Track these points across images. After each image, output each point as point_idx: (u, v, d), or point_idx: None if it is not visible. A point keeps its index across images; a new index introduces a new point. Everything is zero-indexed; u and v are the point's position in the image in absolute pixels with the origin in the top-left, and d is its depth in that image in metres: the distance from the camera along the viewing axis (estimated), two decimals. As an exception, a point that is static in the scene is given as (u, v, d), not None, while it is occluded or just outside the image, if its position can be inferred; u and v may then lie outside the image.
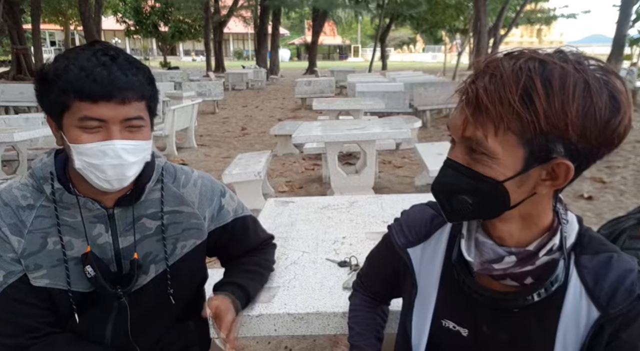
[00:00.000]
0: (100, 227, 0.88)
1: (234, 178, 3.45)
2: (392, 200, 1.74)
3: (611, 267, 0.63)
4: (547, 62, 0.55)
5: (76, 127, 0.77)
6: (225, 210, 1.03)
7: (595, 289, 0.62)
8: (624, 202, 3.69)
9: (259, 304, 1.04)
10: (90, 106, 0.76)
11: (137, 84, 0.79)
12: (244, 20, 27.97)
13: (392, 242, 0.81)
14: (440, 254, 0.75)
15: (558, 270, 0.62)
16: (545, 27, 33.06)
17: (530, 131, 0.55)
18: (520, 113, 0.54)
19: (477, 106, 0.57)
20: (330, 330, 1.02)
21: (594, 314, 0.62)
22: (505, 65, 0.56)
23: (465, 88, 0.59)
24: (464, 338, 0.72)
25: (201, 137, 6.91)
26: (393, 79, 10.35)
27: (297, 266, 1.22)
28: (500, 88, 0.55)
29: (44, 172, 0.85)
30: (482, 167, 0.59)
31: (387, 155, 5.35)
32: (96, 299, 0.89)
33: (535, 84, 0.54)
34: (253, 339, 1.96)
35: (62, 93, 0.76)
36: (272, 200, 1.78)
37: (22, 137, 3.85)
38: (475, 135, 0.58)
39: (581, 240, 0.66)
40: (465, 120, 0.58)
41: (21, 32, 16.46)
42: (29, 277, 0.84)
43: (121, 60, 0.78)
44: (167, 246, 0.93)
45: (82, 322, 0.89)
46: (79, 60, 0.76)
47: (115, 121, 0.78)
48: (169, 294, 0.95)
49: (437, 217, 0.78)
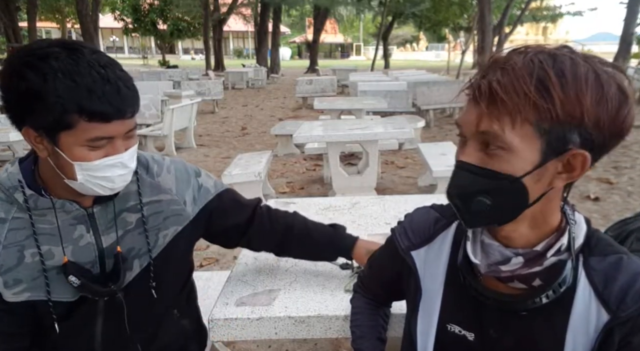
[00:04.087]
0: (80, 228, 0.87)
1: (233, 178, 3.44)
2: (394, 201, 1.72)
3: (621, 270, 0.62)
4: (556, 55, 0.56)
5: (82, 146, 0.76)
6: (204, 188, 1.03)
7: (605, 292, 0.62)
8: (632, 203, 3.67)
9: (259, 307, 1.03)
10: (101, 126, 0.75)
11: (137, 94, 0.80)
12: (244, 18, 27.99)
13: (396, 245, 0.80)
14: (444, 257, 0.74)
15: (566, 271, 0.62)
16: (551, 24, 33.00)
17: (547, 121, 0.55)
18: (537, 102, 0.54)
19: (491, 99, 0.56)
20: (332, 333, 1.01)
21: (604, 317, 0.61)
22: (515, 59, 0.56)
23: (476, 83, 0.58)
24: (471, 343, 0.71)
25: (200, 137, 6.91)
26: (396, 78, 10.35)
27: (298, 268, 1.20)
28: (515, 80, 0.54)
29: (12, 181, 0.82)
30: (498, 163, 0.58)
31: (390, 156, 5.33)
32: (79, 304, 0.88)
33: (549, 74, 0.54)
34: (253, 342, 1.95)
35: (64, 113, 0.72)
36: (273, 201, 1.77)
37: (18, 136, 3.84)
38: (492, 128, 0.56)
39: (589, 242, 0.65)
40: (480, 114, 0.57)
41: (17, 30, 16.44)
42: (8, 293, 0.83)
43: (114, 69, 0.76)
44: (149, 238, 0.92)
45: (63, 331, 0.87)
46: (80, 76, 0.72)
47: (121, 135, 0.79)
48: (151, 287, 0.94)
49: (440, 219, 0.77)
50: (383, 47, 24.99)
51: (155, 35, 28.13)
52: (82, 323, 0.90)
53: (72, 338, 0.90)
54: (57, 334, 0.87)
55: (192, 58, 41.92)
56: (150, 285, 0.93)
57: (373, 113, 6.18)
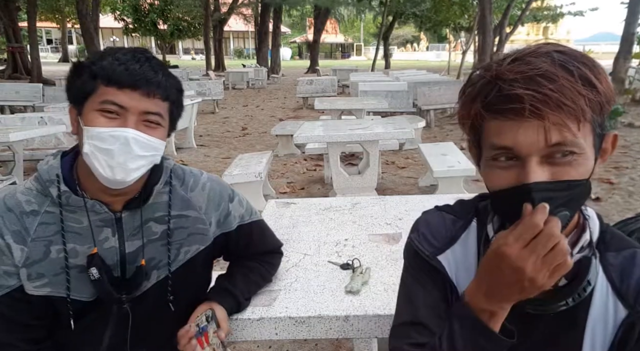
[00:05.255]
0: (107, 231, 0.87)
1: (234, 179, 3.43)
2: (395, 202, 1.72)
3: (636, 263, 0.62)
4: (564, 51, 0.57)
5: (96, 110, 0.79)
6: (231, 217, 1.01)
7: (622, 287, 0.61)
8: (633, 204, 3.66)
9: (260, 307, 1.03)
10: (115, 92, 0.78)
11: (165, 83, 0.82)
12: (244, 18, 27.98)
13: (419, 253, 0.72)
14: (472, 258, 0.71)
15: (592, 269, 0.60)
16: (552, 24, 32.89)
17: (598, 113, 0.56)
18: (590, 98, 0.54)
19: (554, 108, 0.53)
20: (332, 334, 1.00)
21: (622, 313, 0.61)
22: (539, 64, 0.54)
23: (516, 98, 0.54)
24: None
25: (201, 137, 6.90)
26: (396, 78, 10.33)
27: (299, 268, 1.20)
28: (564, 83, 0.53)
29: (50, 175, 0.84)
30: (574, 170, 0.56)
31: (391, 156, 5.33)
32: (96, 305, 0.88)
33: (582, 69, 0.54)
34: (254, 343, 1.95)
35: (91, 78, 0.79)
36: (273, 202, 1.77)
37: (18, 137, 3.81)
38: (565, 138, 0.54)
39: (604, 237, 0.64)
40: (542, 128, 0.54)
41: (17, 30, 16.43)
42: (29, 286, 0.83)
43: (156, 62, 0.82)
44: (171, 251, 0.92)
45: (78, 328, 0.88)
46: (116, 54, 0.80)
47: (135, 111, 0.79)
48: (169, 301, 0.93)
49: (457, 220, 0.74)
50: (384, 47, 24.95)
51: (156, 35, 28.07)
52: (93, 326, 0.90)
53: (82, 338, 0.90)
54: (71, 331, 0.87)
55: (193, 58, 41.91)
56: (167, 299, 0.93)
57: (374, 113, 6.18)
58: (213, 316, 0.93)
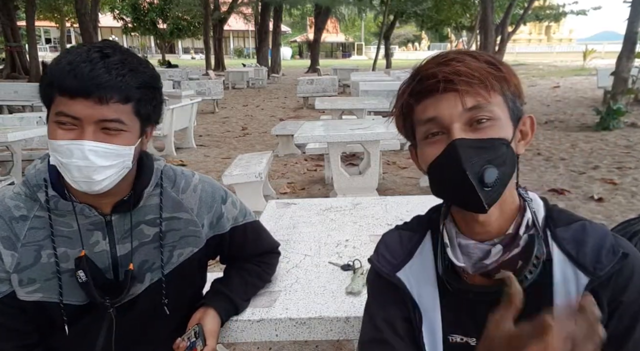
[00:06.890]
0: (97, 235, 0.86)
1: (234, 179, 3.42)
2: (396, 202, 1.71)
3: (587, 233, 0.66)
4: (461, 52, 0.66)
5: (53, 122, 0.76)
6: (224, 219, 0.99)
7: (579, 256, 0.65)
8: (636, 204, 3.63)
9: (260, 308, 1.02)
10: (66, 101, 0.74)
11: (120, 84, 0.74)
12: (244, 17, 27.96)
13: (379, 273, 0.75)
14: (430, 271, 0.73)
15: (537, 243, 0.65)
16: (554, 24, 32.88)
17: (506, 89, 0.64)
18: (496, 74, 0.63)
19: (464, 80, 0.61)
20: (333, 335, 1.00)
21: (583, 280, 0.64)
22: (451, 55, 0.64)
23: (432, 77, 0.63)
24: (474, 348, 0.69)
25: (200, 137, 6.90)
26: (397, 78, 10.30)
27: (299, 269, 1.20)
28: (472, 63, 0.62)
29: (38, 179, 0.82)
30: (489, 132, 0.62)
31: (392, 156, 5.31)
32: (89, 309, 0.87)
33: (486, 57, 0.64)
34: (254, 344, 1.93)
35: (48, 86, 0.76)
36: (274, 202, 1.76)
37: (16, 137, 3.81)
38: (478, 102, 0.62)
39: (551, 214, 0.69)
40: (457, 97, 0.62)
41: (15, 29, 16.42)
42: (21, 292, 0.83)
43: (114, 59, 0.75)
44: (163, 254, 0.91)
45: (72, 333, 0.87)
46: (71, 55, 0.75)
47: (90, 121, 0.74)
48: (164, 304, 0.92)
49: (412, 236, 0.77)
50: (385, 47, 24.91)
51: (155, 35, 28.12)
52: (87, 330, 0.89)
53: (75, 342, 0.89)
54: (65, 336, 0.86)
55: (192, 57, 41.90)
56: (162, 302, 0.92)
57: (374, 113, 6.17)
58: (200, 332, 0.92)
